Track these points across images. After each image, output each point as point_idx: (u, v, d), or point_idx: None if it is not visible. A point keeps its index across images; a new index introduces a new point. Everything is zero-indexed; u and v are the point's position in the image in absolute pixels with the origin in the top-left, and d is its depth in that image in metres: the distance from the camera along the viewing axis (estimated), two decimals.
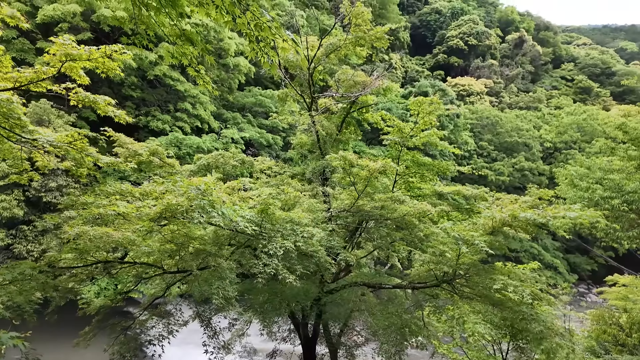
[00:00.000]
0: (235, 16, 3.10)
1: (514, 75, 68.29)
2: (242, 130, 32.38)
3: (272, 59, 3.40)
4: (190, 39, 3.53)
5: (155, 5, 3.07)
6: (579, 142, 49.50)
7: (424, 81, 49.69)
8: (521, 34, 73.18)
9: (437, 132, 10.78)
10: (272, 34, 3.20)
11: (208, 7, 3.06)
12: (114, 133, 9.24)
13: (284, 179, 12.55)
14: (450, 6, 72.11)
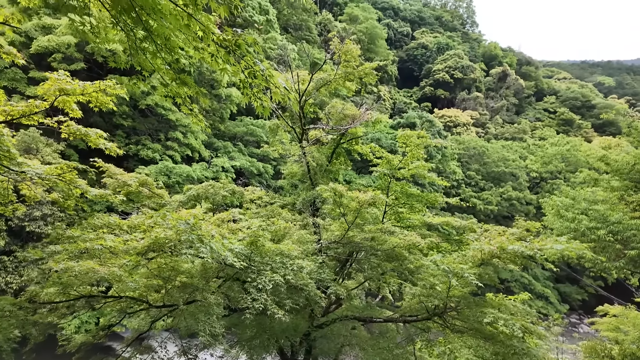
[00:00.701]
0: (229, 64, 3.23)
1: (499, 107, 70.48)
2: (233, 159, 32.49)
3: (264, 103, 3.52)
4: (185, 81, 3.64)
5: (151, 50, 3.19)
6: (563, 172, 50.69)
7: (411, 112, 50.93)
8: (504, 68, 76.19)
9: (425, 164, 10.99)
10: (265, 82, 3.33)
11: (203, 52, 3.19)
12: (104, 164, 9.23)
13: (274, 210, 12.53)
14: (435, 41, 75.08)
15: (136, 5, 2.75)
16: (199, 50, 3.18)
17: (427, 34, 79.92)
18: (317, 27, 56.98)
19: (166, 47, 3.15)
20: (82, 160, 23.06)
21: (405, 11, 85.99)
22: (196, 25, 2.99)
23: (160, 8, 2.77)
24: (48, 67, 25.91)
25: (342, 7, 68.31)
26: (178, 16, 2.89)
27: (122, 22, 2.97)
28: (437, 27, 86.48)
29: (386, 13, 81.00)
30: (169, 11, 2.85)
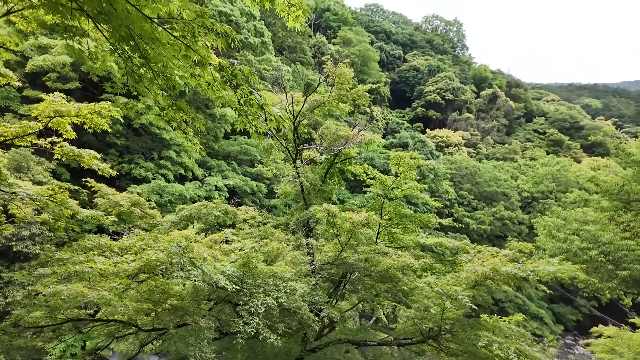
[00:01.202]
0: (226, 92, 3.29)
1: (490, 128, 71.67)
2: (226, 178, 32.42)
3: (260, 130, 3.58)
4: (181, 107, 3.69)
5: (149, 77, 3.24)
6: (554, 192, 51.26)
7: (404, 133, 51.59)
8: (494, 90, 77.91)
9: (417, 185, 11.08)
10: (260, 110, 3.40)
11: (200, 79, 3.26)
12: (96, 184, 9.17)
13: (267, 230, 12.46)
14: (427, 64, 76.80)
15: (134, 34, 2.81)
16: (196, 77, 3.24)
17: (419, 56, 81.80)
18: (311, 50, 58.10)
19: (163, 74, 3.21)
20: (74, 178, 22.85)
21: (397, 35, 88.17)
22: (194, 56, 3.06)
23: (158, 37, 2.84)
24: (42, 86, 25.96)
25: (336, 30, 69.87)
26: (176, 46, 2.96)
27: (120, 49, 3.04)
28: (428, 50, 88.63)
29: (378, 36, 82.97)
30: (167, 41, 2.92)
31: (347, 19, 73.99)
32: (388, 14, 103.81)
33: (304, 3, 3.50)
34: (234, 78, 3.24)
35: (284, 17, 3.58)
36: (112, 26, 2.78)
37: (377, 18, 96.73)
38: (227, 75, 3.21)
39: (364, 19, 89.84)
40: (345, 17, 73.65)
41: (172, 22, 2.88)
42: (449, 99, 68.86)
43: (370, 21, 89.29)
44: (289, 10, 3.49)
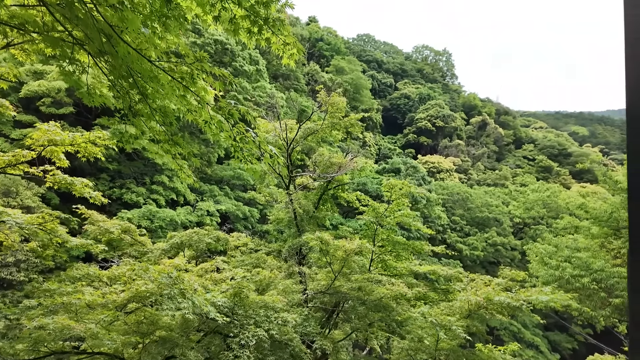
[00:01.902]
0: (222, 130, 3.38)
1: (480, 155, 72.80)
2: (218, 203, 32.23)
3: (255, 166, 3.64)
4: (177, 142, 3.75)
5: (147, 112, 3.31)
6: (545, 217, 51.62)
7: (396, 158, 52.15)
8: (484, 117, 79.69)
9: (410, 212, 11.14)
10: (255, 147, 3.48)
11: (197, 115, 3.33)
12: (86, 210, 9.08)
13: (259, 257, 12.33)
14: (417, 92, 78.68)
15: (134, 73, 2.90)
16: (192, 113, 3.32)
17: (410, 84, 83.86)
18: (305, 77, 59.32)
19: (160, 111, 3.28)
20: (64, 202, 22.53)
21: (388, 64, 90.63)
22: (192, 96, 3.14)
23: (157, 76, 2.92)
24: (36, 110, 26.00)
25: (329, 59, 71.65)
26: (175, 87, 3.05)
27: (119, 85, 3.11)
28: (419, 78, 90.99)
29: (370, 65, 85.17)
30: (166, 81, 3.00)
31: (340, 48, 76.09)
32: (379, 44, 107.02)
33: (298, 42, 3.65)
34: (230, 117, 3.32)
35: (279, 54, 3.71)
36: (112, 64, 2.86)
37: (368, 48, 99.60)
38: (225, 114, 3.30)
39: (356, 48, 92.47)
40: (338, 46, 75.76)
41: (172, 64, 2.98)
42: (439, 125, 70.20)
43: (362, 51, 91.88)
44: (284, 48, 3.63)
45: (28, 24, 3.58)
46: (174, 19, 3.19)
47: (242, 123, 3.45)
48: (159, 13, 3.17)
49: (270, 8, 3.34)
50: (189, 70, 3.02)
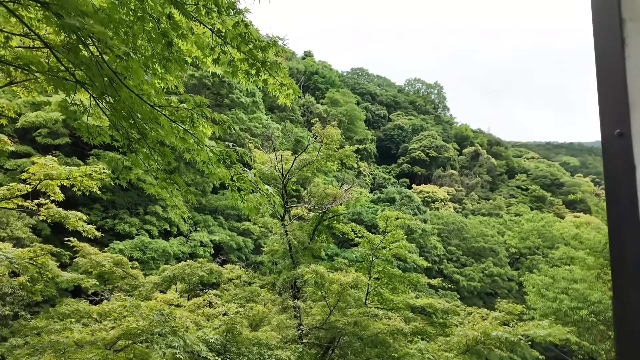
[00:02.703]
0: (220, 170, 3.45)
1: (474, 184, 73.43)
2: (212, 233, 31.89)
3: (251, 205, 3.69)
4: (175, 181, 3.81)
5: (145, 152, 3.38)
6: (541, 247, 51.48)
7: (391, 188, 52.41)
8: (476, 148, 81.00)
9: (406, 244, 11.11)
10: (252, 186, 3.54)
11: (195, 154, 3.41)
12: (78, 243, 8.99)
13: (253, 291, 12.11)
14: (410, 123, 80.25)
15: (135, 115, 2.98)
16: (191, 152, 3.39)
17: (403, 116, 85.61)
18: (301, 109, 60.44)
19: (159, 151, 3.36)
20: (55, 233, 22.17)
21: (382, 96, 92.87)
22: (191, 138, 3.23)
23: (157, 117, 3.01)
24: (31, 141, 26.07)
25: (324, 91, 73.35)
26: (174, 129, 3.14)
27: (119, 124, 3.19)
28: (412, 110, 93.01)
29: (364, 97, 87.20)
30: (167, 123, 3.10)
31: (335, 81, 78.10)
32: (373, 77, 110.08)
33: (294, 83, 3.79)
34: (228, 158, 3.41)
35: (276, 94, 3.85)
36: (113, 106, 2.95)
37: (362, 81, 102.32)
38: (222, 155, 3.38)
39: (350, 81, 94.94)
40: (332, 79, 77.77)
41: (172, 109, 3.08)
42: (432, 156, 71.15)
43: (356, 83, 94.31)
44: (281, 88, 3.77)
45: (32, 64, 3.70)
46: (175, 61, 3.32)
47: (239, 164, 3.52)
48: (160, 56, 3.31)
49: (267, 52, 3.50)
50: (189, 114, 3.12)
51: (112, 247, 23.71)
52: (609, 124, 1.18)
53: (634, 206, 1.10)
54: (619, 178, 1.15)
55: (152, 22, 3.08)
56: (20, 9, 3.43)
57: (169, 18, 3.08)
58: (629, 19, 1.15)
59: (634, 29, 1.14)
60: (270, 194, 3.68)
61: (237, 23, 3.20)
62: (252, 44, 3.34)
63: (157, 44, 3.20)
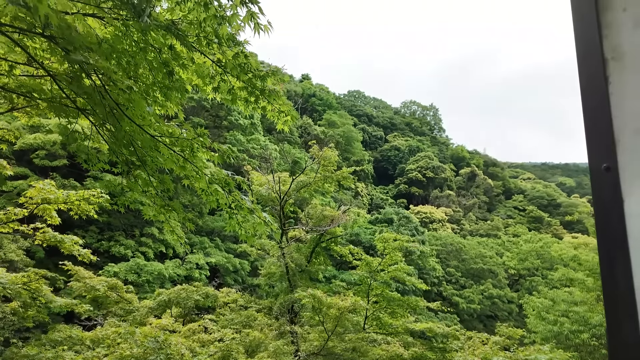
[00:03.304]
0: (218, 198, 3.49)
1: (471, 205, 73.49)
2: (208, 255, 31.56)
3: (248, 231, 3.71)
4: (174, 208, 3.83)
5: (144, 177, 3.41)
6: (540, 268, 51.11)
7: (388, 209, 52.36)
8: (473, 169, 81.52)
9: (404, 266, 11.03)
10: (250, 214, 3.57)
11: (193, 179, 3.45)
12: (73, 267, 8.89)
13: (249, 315, 11.90)
14: (407, 144, 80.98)
15: (136, 145, 3.03)
16: (190, 178, 3.43)
17: (399, 137, 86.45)
18: (298, 130, 60.99)
19: (158, 178, 3.39)
20: (49, 256, 21.87)
21: (378, 118, 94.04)
22: (191, 167, 3.28)
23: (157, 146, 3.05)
24: (29, 162, 26.07)
25: (321, 113, 74.28)
26: (174, 158, 3.19)
27: (119, 151, 3.23)
28: (408, 131, 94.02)
29: (361, 119, 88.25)
30: (166, 152, 3.14)
31: (332, 103, 79.22)
32: (369, 100, 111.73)
33: (292, 110, 3.88)
34: (226, 185, 3.45)
35: (274, 120, 3.93)
36: (114, 134, 3.00)
37: (359, 103, 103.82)
38: (221, 183, 3.42)
39: (347, 103, 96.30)
40: (329, 101, 78.91)
41: (173, 139, 3.14)
42: (429, 176, 71.48)
43: (353, 105, 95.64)
44: (279, 115, 3.85)
45: (35, 91, 3.76)
46: (175, 89, 3.40)
47: (237, 191, 3.56)
48: (161, 84, 3.39)
49: (266, 81, 3.59)
50: (190, 143, 3.18)
51: (106, 269, 23.38)
52: (597, 157, 1.21)
53: (624, 238, 1.13)
54: (608, 210, 1.18)
55: (153, 52, 3.17)
56: (25, 39, 3.52)
57: (171, 49, 3.17)
58: (611, 58, 1.20)
59: (617, 68, 1.19)
60: (269, 221, 3.70)
61: (237, 54, 3.30)
62: (251, 73, 3.43)
63: (158, 72, 3.28)
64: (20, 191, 22.84)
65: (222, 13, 2.85)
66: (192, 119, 38.53)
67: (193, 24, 3.01)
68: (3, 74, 3.64)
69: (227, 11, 2.86)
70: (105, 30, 3.24)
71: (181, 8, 2.99)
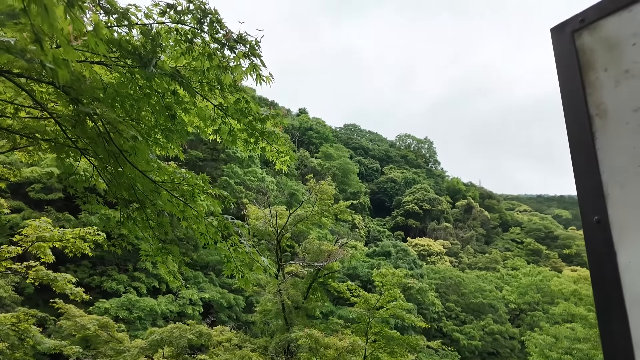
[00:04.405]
0: (217, 241, 3.51)
1: (469, 237, 73.12)
2: (202, 290, 30.83)
3: (247, 276, 3.68)
4: (171, 251, 3.82)
5: (141, 220, 3.43)
6: (541, 303, 50.18)
7: (386, 241, 51.95)
8: (469, 201, 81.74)
9: (403, 304, 10.82)
10: (249, 258, 3.58)
11: (193, 224, 3.47)
12: (63, 305, 8.67)
13: (244, 355, 11.50)
14: (403, 176, 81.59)
15: (137, 189, 3.07)
16: (188, 220, 3.45)
17: (395, 169, 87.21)
18: (295, 162, 61.50)
19: (157, 222, 3.41)
20: (38, 292, 21.29)
21: (374, 150, 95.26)
22: (191, 212, 3.31)
23: (157, 190, 3.09)
24: (24, 196, 25.91)
25: (318, 146, 75.23)
26: (175, 203, 3.23)
27: (118, 193, 3.26)
28: (403, 164, 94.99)
29: (357, 152, 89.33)
30: (168, 198, 3.18)
31: (328, 136, 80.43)
32: (365, 133, 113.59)
33: (290, 151, 3.96)
34: (225, 230, 3.47)
35: (273, 160, 4.00)
36: (114, 176, 3.04)
37: (355, 136, 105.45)
38: (220, 227, 3.44)
39: (344, 136, 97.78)
40: (326, 134, 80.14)
41: (174, 185, 3.19)
42: (426, 208, 71.49)
43: (349, 138, 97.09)
44: (278, 155, 3.93)
45: (38, 133, 3.83)
46: (177, 132, 3.48)
47: (236, 235, 3.57)
48: (163, 126, 3.47)
49: (266, 123, 3.69)
50: (190, 189, 3.22)
51: (97, 306, 22.73)
52: (588, 210, 1.24)
53: (619, 291, 1.14)
54: (602, 263, 1.19)
55: (157, 96, 3.27)
56: (32, 83, 3.63)
57: (174, 94, 3.28)
58: (595, 115, 1.26)
59: (601, 125, 1.25)
60: (267, 266, 3.67)
61: (238, 99, 3.42)
62: (251, 116, 3.54)
63: (160, 115, 3.37)
64: (14, 225, 22.56)
65: (225, 64, 2.98)
66: (190, 152, 38.84)
67: (197, 72, 3.13)
68: (8, 116, 3.71)
69: (230, 62, 2.99)
70: (110, 76, 3.36)
71: (186, 57, 3.13)
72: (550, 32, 1.46)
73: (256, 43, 2.87)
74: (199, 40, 3.00)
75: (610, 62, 1.25)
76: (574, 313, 19.89)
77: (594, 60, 1.29)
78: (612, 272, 1.14)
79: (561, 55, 1.39)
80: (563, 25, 1.39)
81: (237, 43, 2.86)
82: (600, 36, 1.28)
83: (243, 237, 3.58)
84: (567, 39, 1.37)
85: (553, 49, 1.44)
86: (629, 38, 1.22)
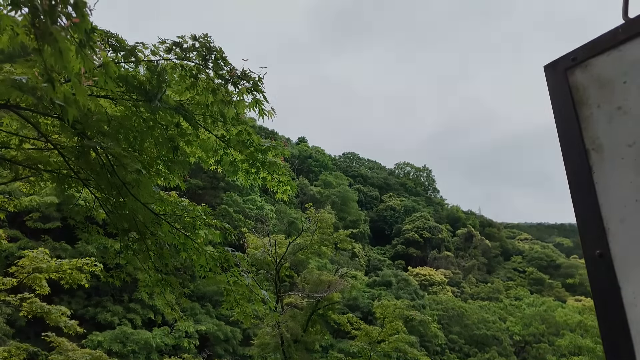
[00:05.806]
0: (217, 273, 3.49)
1: (470, 266, 72.13)
2: (198, 322, 30.05)
3: (246, 310, 3.64)
4: (170, 282, 3.78)
5: (141, 251, 3.41)
6: (546, 334, 48.86)
7: (386, 270, 51.21)
8: (469, 229, 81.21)
9: (405, 337, 10.55)
10: (248, 290, 3.55)
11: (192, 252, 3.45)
12: (56, 339, 8.42)
13: None
14: (402, 204, 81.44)
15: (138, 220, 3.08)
16: (188, 251, 3.43)
17: (394, 197, 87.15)
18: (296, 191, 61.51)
19: (158, 253, 3.39)
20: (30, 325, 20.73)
21: (373, 178, 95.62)
22: (192, 243, 3.31)
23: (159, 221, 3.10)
24: (21, 224, 25.73)
25: (317, 174, 75.60)
26: (176, 235, 3.24)
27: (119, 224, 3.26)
28: (402, 192, 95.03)
29: (356, 180, 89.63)
30: (168, 230, 3.19)
31: (328, 164, 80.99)
32: (364, 161, 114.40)
33: (291, 180, 3.99)
34: (225, 262, 3.46)
35: (274, 190, 4.03)
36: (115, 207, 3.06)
37: (354, 164, 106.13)
38: (221, 260, 3.43)
39: (343, 164, 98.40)
40: (325, 163, 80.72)
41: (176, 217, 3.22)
42: (426, 237, 70.90)
43: (348, 167, 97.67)
44: (278, 185, 3.96)
45: (41, 164, 3.86)
46: (179, 163, 3.53)
47: (236, 267, 3.55)
48: (165, 158, 3.52)
49: (267, 154, 3.75)
50: (192, 221, 3.24)
51: (90, 339, 22.09)
52: (590, 245, 1.24)
53: (625, 326, 1.12)
54: (606, 298, 1.18)
55: (160, 128, 3.34)
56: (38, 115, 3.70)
57: (177, 126, 3.35)
58: (592, 149, 1.29)
59: (598, 159, 1.27)
60: (267, 299, 3.63)
61: (240, 132, 3.49)
62: (253, 147, 3.60)
63: (163, 147, 3.43)
64: (10, 254, 22.26)
65: (229, 98, 3.06)
66: (190, 181, 38.96)
67: (200, 105, 3.22)
68: (12, 147, 3.76)
69: (233, 97, 3.08)
70: (115, 109, 3.44)
71: (190, 92, 3.22)
72: (544, 69, 1.50)
73: (259, 79, 2.97)
74: (203, 76, 3.10)
75: (603, 99, 1.29)
76: (581, 345, 19.39)
77: (587, 97, 1.33)
78: (616, 307, 1.13)
79: (555, 91, 1.42)
80: (555, 63, 1.44)
81: (240, 79, 2.96)
82: (592, 74, 1.32)
83: (243, 270, 3.54)
84: (560, 76, 1.41)
85: (547, 85, 1.47)
86: (619, 76, 1.26)
